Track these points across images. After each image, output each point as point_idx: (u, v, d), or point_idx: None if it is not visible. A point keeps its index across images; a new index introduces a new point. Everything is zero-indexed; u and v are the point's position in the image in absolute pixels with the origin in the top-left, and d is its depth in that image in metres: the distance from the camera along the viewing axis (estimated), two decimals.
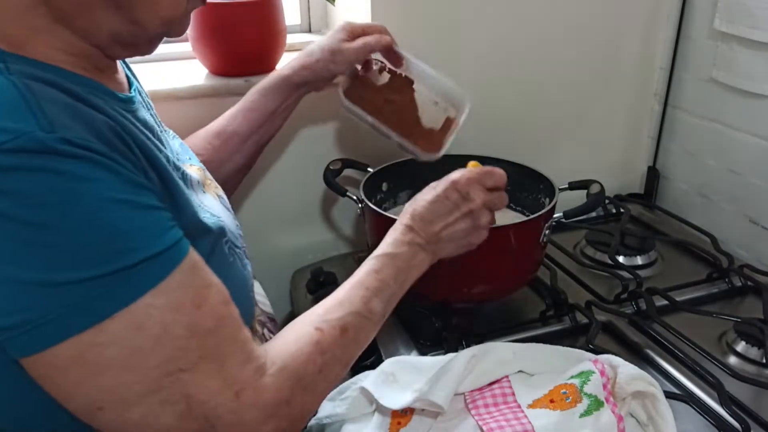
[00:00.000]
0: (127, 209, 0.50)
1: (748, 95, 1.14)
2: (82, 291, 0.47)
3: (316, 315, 0.64)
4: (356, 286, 0.68)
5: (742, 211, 1.21)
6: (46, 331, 0.47)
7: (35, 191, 0.46)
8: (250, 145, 0.95)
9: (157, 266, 0.50)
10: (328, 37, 0.93)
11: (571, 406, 0.70)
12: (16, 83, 0.49)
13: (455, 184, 0.77)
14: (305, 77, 0.93)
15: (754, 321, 0.93)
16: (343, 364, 0.64)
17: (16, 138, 0.46)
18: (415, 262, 0.73)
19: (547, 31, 1.23)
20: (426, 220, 0.75)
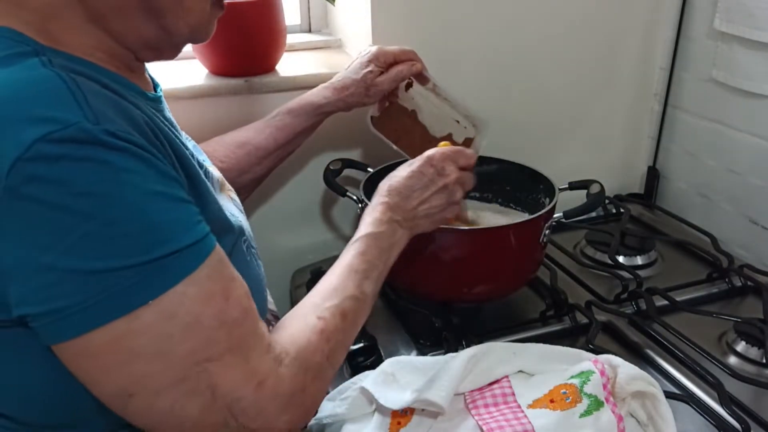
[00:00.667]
0: (163, 201, 0.51)
1: (748, 95, 1.14)
2: (119, 279, 0.48)
3: (315, 304, 0.65)
4: (346, 271, 0.69)
5: (742, 211, 1.21)
6: (82, 317, 0.48)
7: (81, 180, 0.47)
8: (271, 159, 0.98)
9: (189, 257, 0.51)
10: (361, 67, 0.95)
11: (571, 406, 0.70)
12: (62, 75, 0.50)
13: (430, 159, 0.79)
14: (337, 107, 0.97)
15: (754, 321, 0.93)
16: (345, 348, 0.66)
17: (64, 128, 0.47)
18: (395, 239, 0.75)
19: (547, 31, 1.23)
20: (403, 196, 0.77)
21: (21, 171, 0.46)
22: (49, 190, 0.46)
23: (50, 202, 0.47)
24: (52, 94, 0.49)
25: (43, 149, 0.46)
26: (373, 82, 0.94)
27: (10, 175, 0.46)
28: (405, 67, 0.95)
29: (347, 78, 0.95)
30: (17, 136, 0.46)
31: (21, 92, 0.49)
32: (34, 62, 0.52)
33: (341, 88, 0.95)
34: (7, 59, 0.51)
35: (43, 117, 0.47)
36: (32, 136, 0.46)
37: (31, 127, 0.47)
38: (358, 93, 0.95)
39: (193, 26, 0.62)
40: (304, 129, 0.98)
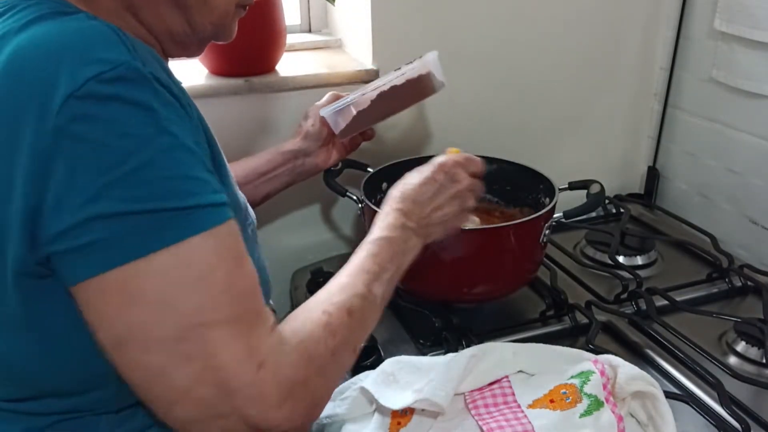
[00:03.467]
0: (194, 159, 0.53)
1: (748, 95, 1.14)
2: (144, 221, 0.49)
3: (321, 300, 0.63)
4: (356, 270, 0.68)
5: (742, 211, 1.21)
6: (104, 255, 0.49)
7: (126, 122, 0.49)
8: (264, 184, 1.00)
9: (211, 214, 0.52)
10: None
11: (571, 406, 0.70)
12: (110, 25, 0.53)
13: (443, 166, 0.79)
14: (300, 148, 1.01)
15: (754, 321, 0.93)
16: (351, 348, 0.63)
17: (115, 67, 0.49)
18: (408, 246, 0.74)
19: (547, 31, 1.23)
20: (417, 203, 0.76)
21: (71, 108, 0.48)
22: (95, 128, 0.48)
23: (94, 140, 0.48)
24: (103, 39, 0.51)
25: (94, 88, 0.48)
26: (306, 130, 1.00)
27: (60, 112, 0.48)
28: (310, 123, 1.00)
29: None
30: (71, 75, 0.48)
31: (74, 37, 0.51)
32: (81, 16, 0.54)
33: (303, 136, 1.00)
34: (55, 15, 0.53)
35: (96, 58, 0.49)
36: (85, 75, 0.48)
37: (84, 66, 0.48)
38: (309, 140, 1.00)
39: (216, 24, 0.64)
40: (276, 165, 1.00)
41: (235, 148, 1.07)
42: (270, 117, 1.14)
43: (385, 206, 0.76)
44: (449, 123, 1.22)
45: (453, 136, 1.21)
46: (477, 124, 1.24)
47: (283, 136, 1.10)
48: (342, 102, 0.95)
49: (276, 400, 0.52)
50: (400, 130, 1.20)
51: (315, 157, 1.00)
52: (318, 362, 0.57)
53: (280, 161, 0.99)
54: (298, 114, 1.03)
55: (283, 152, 0.99)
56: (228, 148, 1.03)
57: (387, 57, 1.13)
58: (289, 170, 1.00)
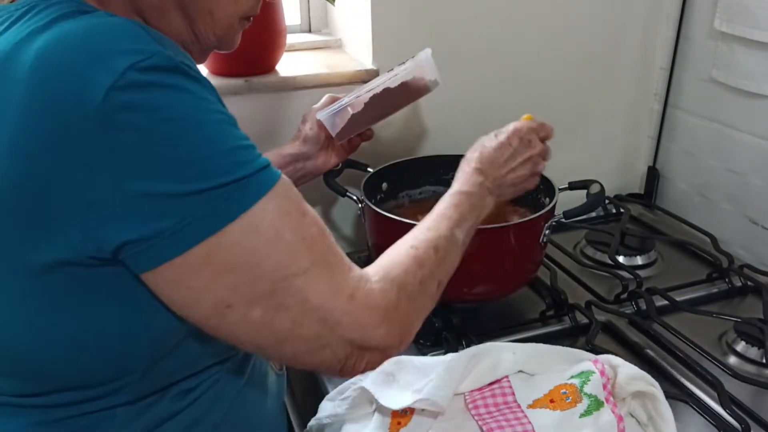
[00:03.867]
0: (237, 130, 0.55)
1: (748, 95, 1.14)
2: (209, 199, 0.51)
3: (409, 238, 0.68)
4: (439, 216, 0.73)
5: (742, 211, 1.21)
6: (180, 237, 0.50)
7: (169, 106, 0.50)
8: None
9: (265, 177, 0.54)
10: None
11: (571, 406, 0.70)
12: (134, 20, 0.54)
13: (518, 131, 0.85)
14: (301, 151, 1.01)
15: (754, 321, 0.93)
16: (436, 283, 0.67)
17: (150, 57, 0.50)
18: (485, 202, 0.79)
19: (547, 31, 1.23)
20: (495, 165, 0.82)
21: (114, 100, 0.48)
22: (142, 116, 0.49)
23: (143, 128, 0.49)
24: (130, 32, 0.52)
25: (133, 77, 0.49)
26: (304, 134, 1.00)
27: (103, 104, 0.48)
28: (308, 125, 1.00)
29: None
30: (108, 66, 0.48)
31: (103, 31, 0.51)
32: (101, 14, 0.55)
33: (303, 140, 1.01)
34: (76, 13, 0.54)
35: (129, 48, 0.50)
36: (123, 65, 0.48)
37: (119, 57, 0.49)
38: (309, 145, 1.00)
39: (219, 36, 0.66)
40: (277, 167, 1.00)
41: None
42: (270, 117, 1.14)
43: (464, 165, 0.82)
44: (449, 123, 1.22)
45: (453, 135, 1.21)
46: (477, 124, 1.23)
47: (283, 136, 1.10)
48: (337, 105, 0.96)
49: (372, 323, 0.57)
50: (399, 130, 1.20)
51: (315, 160, 1.01)
52: (407, 289, 0.62)
53: (281, 164, 0.99)
54: (298, 114, 1.03)
55: (284, 155, 1.00)
56: None
57: (387, 57, 1.13)
58: (289, 173, 1.00)
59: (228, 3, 0.64)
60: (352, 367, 0.59)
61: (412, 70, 0.94)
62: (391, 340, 0.59)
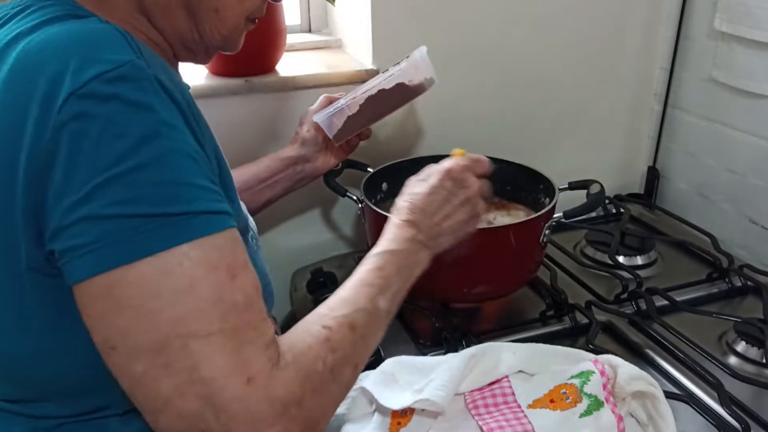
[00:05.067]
0: (193, 165, 0.52)
1: (748, 95, 1.14)
2: (130, 226, 0.48)
3: (322, 314, 0.60)
4: (360, 284, 0.65)
5: (742, 211, 1.21)
6: (90, 259, 0.48)
7: (124, 122, 0.49)
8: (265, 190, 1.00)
9: (203, 222, 0.50)
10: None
11: (571, 406, 0.70)
12: (119, 29, 0.53)
13: (450, 172, 0.76)
14: (299, 154, 1.01)
15: (754, 321, 0.93)
16: (352, 365, 0.60)
17: (119, 66, 0.49)
18: (417, 258, 0.71)
19: (547, 31, 1.23)
20: (427, 213, 0.73)
21: (72, 107, 0.48)
22: (93, 126, 0.48)
23: (90, 138, 0.48)
24: (110, 40, 0.51)
25: (96, 87, 0.48)
26: (302, 136, 1.00)
27: (61, 110, 0.48)
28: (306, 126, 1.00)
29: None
30: (74, 74, 0.48)
31: (81, 38, 0.51)
32: (92, 20, 0.55)
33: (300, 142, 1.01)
34: (67, 18, 0.54)
35: (101, 58, 0.50)
36: (88, 75, 0.48)
37: (88, 66, 0.49)
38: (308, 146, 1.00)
39: (224, 36, 0.65)
40: (275, 171, 1.00)
41: (235, 148, 1.07)
42: (270, 117, 1.14)
43: (393, 218, 0.74)
44: (449, 123, 1.22)
45: (453, 135, 1.21)
46: (477, 124, 1.24)
47: (283, 136, 1.10)
48: (333, 107, 0.96)
49: (267, 418, 0.50)
50: (399, 130, 1.20)
51: (314, 162, 1.01)
52: (315, 380, 0.54)
53: (280, 167, 0.99)
54: (298, 114, 1.03)
55: (283, 158, 1.00)
56: (228, 148, 1.04)
57: (387, 57, 1.13)
58: (289, 176, 1.00)
59: (234, 3, 0.64)
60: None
61: (407, 69, 0.94)
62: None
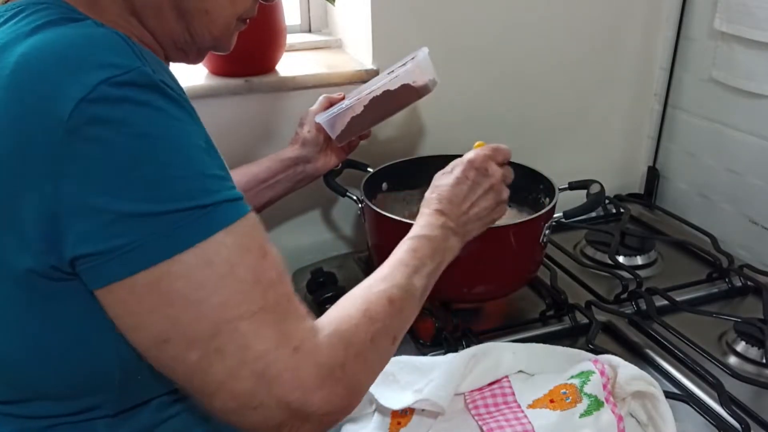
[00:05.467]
0: (209, 157, 0.53)
1: (748, 95, 1.14)
2: (166, 222, 0.49)
3: (362, 288, 0.64)
4: (397, 264, 0.68)
5: (742, 211, 1.21)
6: (131, 258, 0.49)
7: (140, 122, 0.49)
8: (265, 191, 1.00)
9: (231, 209, 0.52)
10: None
11: (571, 406, 0.70)
12: (118, 32, 0.53)
13: (472, 163, 0.79)
14: (300, 155, 1.01)
15: (754, 321, 0.93)
16: (391, 337, 0.63)
17: (126, 72, 0.50)
18: (448, 245, 0.75)
19: (547, 31, 1.23)
20: (454, 203, 0.77)
21: (84, 112, 0.48)
22: (110, 130, 0.48)
23: (109, 142, 0.48)
24: (112, 45, 0.51)
25: (106, 91, 0.48)
26: (303, 137, 1.00)
27: (72, 115, 0.48)
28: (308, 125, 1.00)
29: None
30: (82, 79, 0.48)
31: (84, 42, 0.51)
32: (88, 23, 0.54)
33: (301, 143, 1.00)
34: (64, 21, 0.54)
35: (107, 62, 0.49)
36: (96, 79, 0.48)
37: (95, 70, 0.49)
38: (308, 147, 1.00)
39: (215, 36, 0.65)
40: (276, 172, 1.00)
41: (235, 148, 1.07)
42: (270, 117, 1.14)
43: (424, 208, 0.77)
44: (449, 123, 1.22)
45: (453, 135, 1.21)
46: (477, 124, 1.24)
47: (283, 137, 1.10)
48: (337, 108, 0.96)
49: (315, 382, 0.52)
50: (399, 130, 1.20)
51: (314, 163, 1.01)
52: (357, 347, 0.57)
53: (280, 168, 0.99)
54: (298, 114, 1.03)
55: (283, 159, 1.00)
56: (228, 148, 1.04)
57: (387, 57, 1.13)
58: (289, 177, 1.00)
59: (225, 4, 0.64)
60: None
61: (412, 71, 0.94)
62: (332, 405, 0.54)
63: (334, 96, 1.00)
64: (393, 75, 0.94)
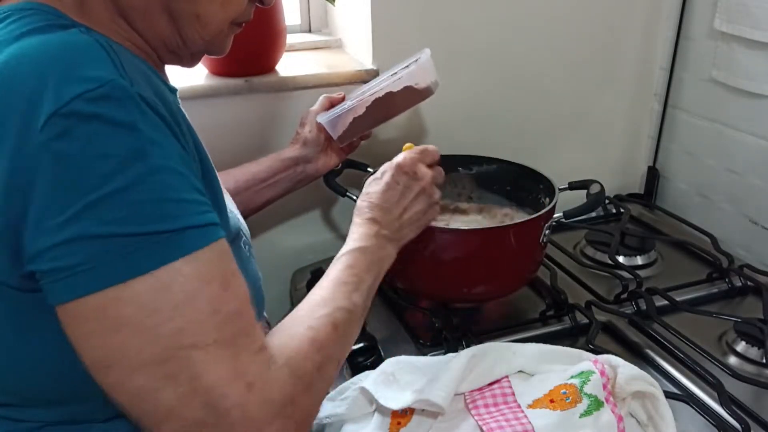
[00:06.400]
0: (180, 180, 0.52)
1: (748, 95, 1.14)
2: (122, 246, 0.48)
3: (304, 314, 0.63)
4: (334, 283, 0.68)
5: (742, 211, 1.21)
6: (81, 280, 0.48)
7: (108, 142, 0.48)
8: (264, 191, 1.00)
9: (194, 237, 0.51)
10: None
11: (571, 406, 0.70)
12: (101, 41, 0.52)
13: (401, 167, 0.79)
14: (300, 155, 1.00)
15: (754, 321, 0.93)
16: (335, 363, 0.63)
17: (101, 86, 0.49)
18: (384, 253, 0.75)
19: (547, 31, 1.23)
20: (385, 209, 0.77)
21: (54, 125, 0.47)
22: (75, 147, 0.48)
23: (73, 159, 0.47)
24: (91, 55, 0.50)
25: (78, 106, 0.48)
26: (304, 136, 1.00)
27: (44, 129, 0.47)
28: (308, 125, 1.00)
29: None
30: (56, 93, 0.48)
31: (62, 53, 0.50)
32: (73, 32, 0.53)
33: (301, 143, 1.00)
34: (48, 28, 0.53)
35: (83, 76, 0.49)
36: (71, 93, 0.48)
37: (70, 84, 0.48)
38: (309, 147, 1.00)
39: (207, 41, 0.64)
40: (276, 172, 1.00)
41: (235, 147, 1.07)
42: (270, 117, 1.14)
43: (356, 218, 0.77)
44: (448, 123, 1.22)
45: (453, 135, 1.21)
46: (477, 124, 1.24)
47: (283, 136, 1.10)
48: (339, 109, 0.96)
49: (266, 419, 0.52)
50: (399, 130, 1.20)
51: (315, 163, 1.01)
52: (305, 379, 0.57)
53: (281, 168, 0.99)
54: (298, 114, 1.03)
55: (283, 159, 1.00)
56: (228, 147, 1.04)
57: (387, 57, 1.13)
58: (289, 177, 1.00)
59: (216, 8, 0.62)
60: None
61: (415, 72, 0.93)
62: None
63: (335, 96, 1.00)
64: (396, 77, 0.94)
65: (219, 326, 0.51)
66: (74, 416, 0.60)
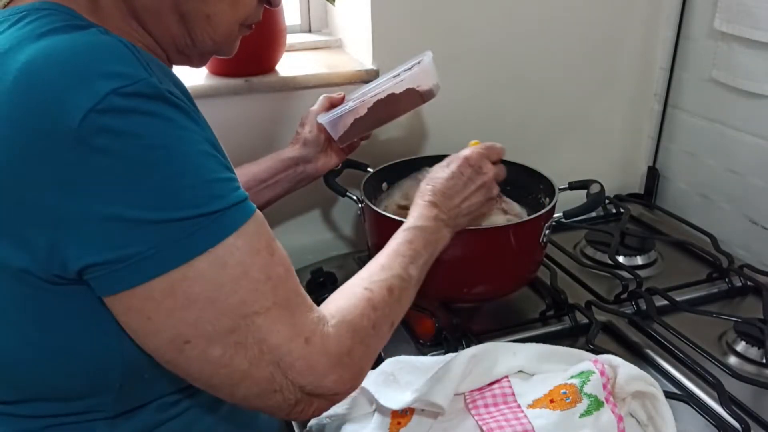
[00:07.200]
0: (215, 162, 0.55)
1: (748, 95, 1.14)
2: (179, 229, 0.51)
3: (363, 278, 0.68)
4: (393, 254, 0.72)
5: (742, 211, 1.21)
6: (145, 265, 0.50)
7: (148, 133, 0.50)
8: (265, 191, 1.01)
9: (239, 212, 0.54)
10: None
11: (571, 406, 0.70)
12: (123, 41, 0.53)
13: (468, 159, 0.84)
14: (301, 155, 1.01)
15: (754, 321, 0.93)
16: (389, 324, 0.67)
17: (134, 83, 0.50)
18: (440, 235, 0.79)
19: (547, 30, 1.23)
20: (447, 196, 0.81)
21: (92, 122, 0.48)
22: (119, 141, 0.49)
23: (120, 153, 0.49)
24: (118, 54, 0.51)
25: (114, 102, 0.49)
26: (304, 137, 1.00)
27: (81, 126, 0.48)
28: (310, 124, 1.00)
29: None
30: (90, 88, 0.48)
31: (89, 50, 0.51)
32: (93, 31, 0.54)
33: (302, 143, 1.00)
34: (67, 28, 0.54)
35: (115, 72, 0.50)
36: (105, 89, 0.48)
37: (103, 80, 0.49)
38: (309, 147, 1.00)
39: (217, 42, 0.65)
40: (276, 172, 1.00)
41: (235, 148, 1.07)
42: (270, 117, 1.14)
43: (418, 199, 0.81)
44: (448, 123, 1.22)
45: (453, 135, 1.21)
46: (477, 124, 1.24)
47: (283, 136, 1.10)
48: (340, 110, 0.96)
49: (325, 369, 0.57)
50: (399, 130, 1.20)
51: (315, 163, 1.01)
52: (361, 334, 0.61)
53: (281, 168, 0.99)
54: (298, 114, 1.03)
55: (283, 159, 1.00)
56: (228, 148, 1.03)
57: (387, 57, 1.13)
58: (289, 177, 1.00)
59: (226, 9, 0.63)
60: (300, 413, 0.59)
61: (418, 74, 0.93)
62: (341, 387, 0.59)
63: (335, 96, 1.01)
64: (398, 78, 0.94)
65: (273, 291, 0.55)
66: (84, 411, 0.60)
